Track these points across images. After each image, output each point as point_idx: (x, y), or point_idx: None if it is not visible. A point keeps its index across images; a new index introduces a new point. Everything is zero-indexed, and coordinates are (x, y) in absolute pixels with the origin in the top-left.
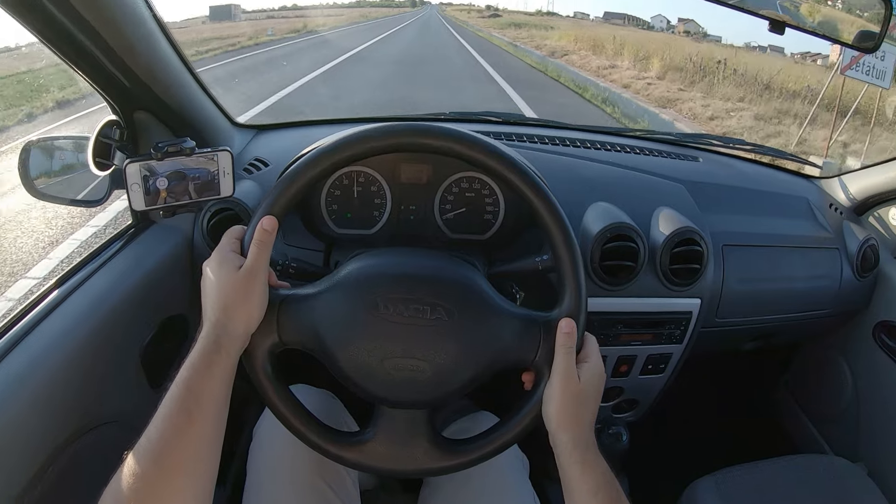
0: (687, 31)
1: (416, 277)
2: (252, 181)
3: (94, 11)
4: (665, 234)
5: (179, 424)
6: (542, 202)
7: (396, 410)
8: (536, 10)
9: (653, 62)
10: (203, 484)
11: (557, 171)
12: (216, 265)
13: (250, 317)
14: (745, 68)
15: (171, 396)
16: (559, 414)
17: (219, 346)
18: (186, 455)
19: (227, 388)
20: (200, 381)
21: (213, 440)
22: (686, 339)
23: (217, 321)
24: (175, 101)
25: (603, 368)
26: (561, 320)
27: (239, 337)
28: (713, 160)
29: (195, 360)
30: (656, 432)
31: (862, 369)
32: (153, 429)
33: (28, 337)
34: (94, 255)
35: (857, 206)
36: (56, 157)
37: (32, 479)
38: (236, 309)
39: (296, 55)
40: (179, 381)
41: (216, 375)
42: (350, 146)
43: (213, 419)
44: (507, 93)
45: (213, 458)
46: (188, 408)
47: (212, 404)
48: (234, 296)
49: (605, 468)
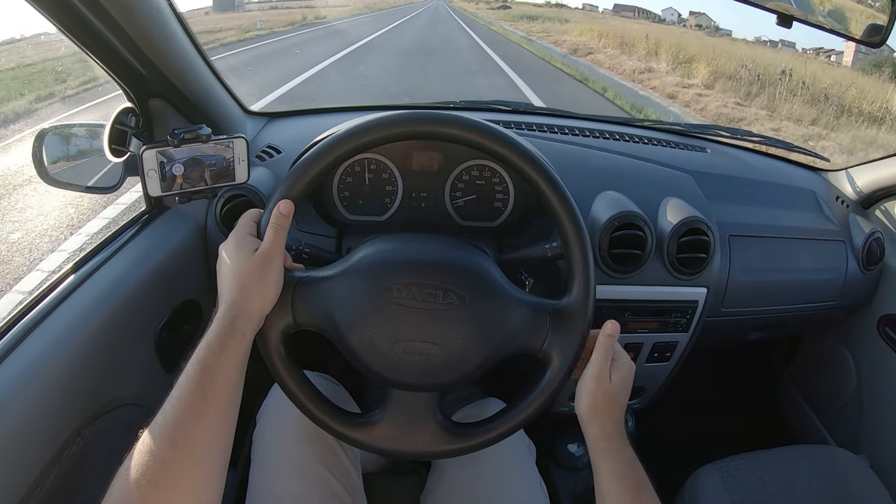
0: (699, 24)
1: (430, 263)
2: (265, 168)
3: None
4: (672, 223)
5: (195, 404)
6: (552, 190)
7: (406, 393)
8: (546, 2)
9: (697, 67)
10: (217, 464)
11: (566, 159)
12: (233, 248)
13: (266, 299)
14: (811, 79)
15: (187, 376)
16: (590, 410)
17: (234, 328)
18: (201, 435)
19: (241, 370)
20: (216, 362)
21: (228, 421)
22: (692, 327)
23: (233, 302)
24: (189, 89)
25: (631, 364)
26: (607, 322)
27: (254, 318)
28: (721, 151)
29: (211, 340)
30: (661, 420)
31: (866, 362)
32: (168, 408)
33: (45, 322)
34: (109, 241)
35: (863, 199)
36: (69, 144)
37: (51, 460)
38: (252, 291)
39: (277, 55)
40: (195, 360)
41: (231, 356)
42: (367, 133)
43: (228, 400)
44: (529, 95)
45: (226, 438)
46: (203, 388)
47: (226, 385)
48: (251, 278)
49: (629, 456)
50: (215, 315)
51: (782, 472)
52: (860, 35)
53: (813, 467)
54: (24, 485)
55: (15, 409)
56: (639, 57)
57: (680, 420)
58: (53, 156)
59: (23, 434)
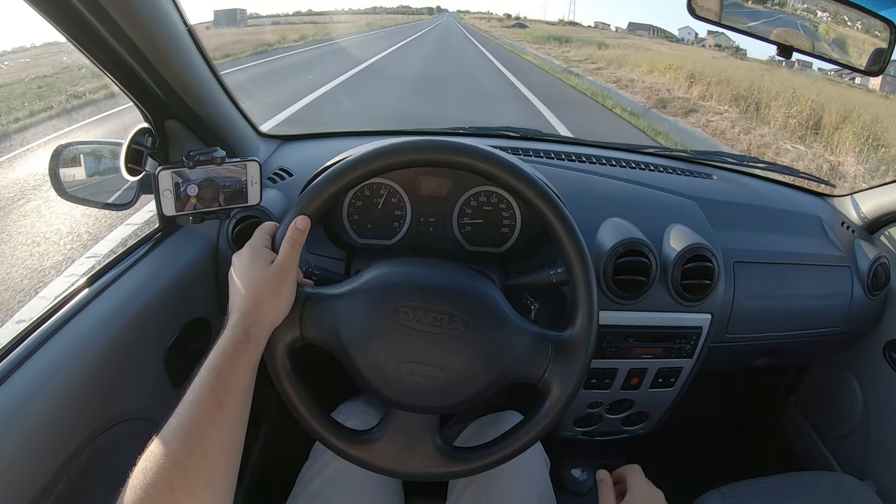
0: (717, 44)
1: (436, 287)
2: (276, 190)
3: (134, 25)
4: (677, 249)
5: (210, 410)
6: (556, 217)
7: (407, 414)
8: (559, 20)
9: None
10: (230, 470)
11: (572, 186)
12: (249, 259)
13: (278, 311)
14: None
15: (201, 383)
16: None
17: (248, 336)
18: (216, 440)
19: (253, 378)
20: (231, 368)
21: (240, 428)
22: (696, 353)
23: (248, 311)
24: (205, 112)
25: (655, 493)
26: (599, 471)
27: (266, 328)
28: (727, 178)
29: (225, 348)
30: (665, 446)
31: (871, 387)
32: (183, 412)
33: (57, 335)
34: (122, 258)
35: (869, 224)
36: (85, 161)
37: (58, 470)
38: (266, 302)
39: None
40: (210, 367)
41: (245, 364)
42: (381, 158)
43: (241, 407)
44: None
45: (238, 443)
46: (218, 393)
47: (240, 391)
48: (266, 290)
49: None
50: (226, 324)
51: (787, 498)
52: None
53: (818, 494)
54: (31, 494)
55: (25, 419)
56: (775, 121)
57: (684, 445)
58: (69, 172)
59: (32, 444)
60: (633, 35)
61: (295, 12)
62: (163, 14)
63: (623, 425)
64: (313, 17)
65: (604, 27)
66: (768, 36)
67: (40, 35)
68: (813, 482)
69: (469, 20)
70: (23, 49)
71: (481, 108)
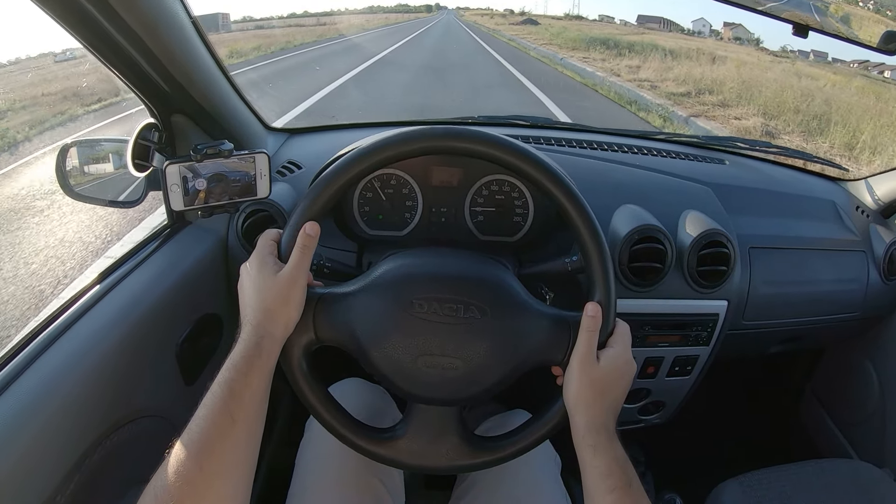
0: (737, 37)
1: (450, 277)
2: (286, 183)
3: (137, 18)
4: (692, 235)
5: (222, 426)
6: (571, 202)
7: (428, 407)
8: (565, 14)
9: None
10: (242, 484)
11: (585, 173)
12: (256, 269)
13: (290, 320)
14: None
15: (213, 397)
16: (575, 396)
17: (260, 350)
18: (229, 457)
19: (267, 390)
20: (243, 382)
21: (254, 441)
22: (713, 341)
23: (258, 324)
24: (211, 105)
25: (630, 358)
26: (587, 304)
27: (279, 339)
28: (739, 163)
29: (237, 361)
30: (683, 435)
31: (888, 373)
32: (195, 427)
33: (68, 332)
34: (132, 254)
35: (883, 208)
36: (92, 159)
37: (72, 468)
38: (277, 313)
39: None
40: (222, 381)
41: (257, 377)
42: (385, 149)
43: (254, 420)
44: None
45: (252, 458)
46: (230, 409)
47: (253, 406)
48: (275, 301)
49: (618, 454)
50: (238, 336)
51: (805, 486)
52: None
53: (836, 481)
54: (44, 492)
55: (38, 417)
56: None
57: (702, 434)
58: (76, 170)
59: (45, 441)
60: (643, 28)
61: (289, 14)
62: (166, 7)
63: (640, 415)
64: (299, 20)
65: (608, 20)
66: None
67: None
68: (831, 470)
69: (471, 17)
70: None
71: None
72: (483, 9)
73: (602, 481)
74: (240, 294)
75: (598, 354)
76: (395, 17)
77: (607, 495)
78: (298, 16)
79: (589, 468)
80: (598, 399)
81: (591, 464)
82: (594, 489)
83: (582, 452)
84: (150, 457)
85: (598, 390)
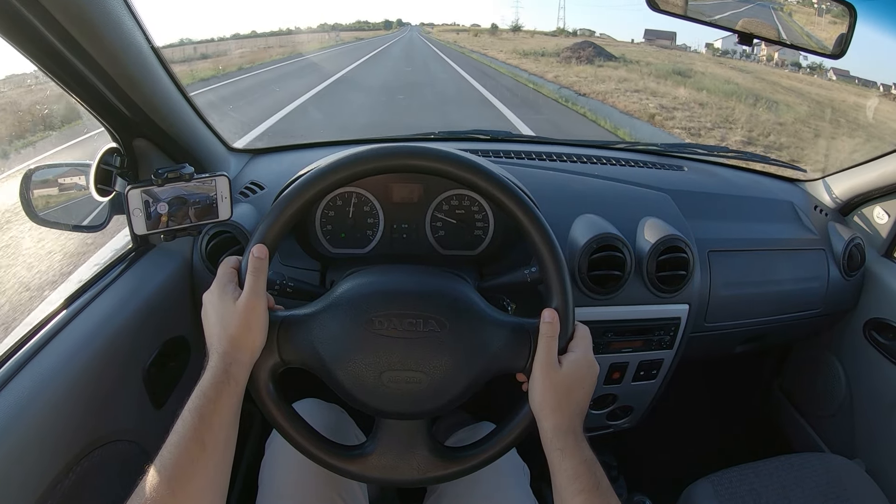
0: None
1: (408, 292)
2: (248, 204)
3: (95, 42)
4: (651, 242)
5: (193, 452)
6: (525, 214)
7: (396, 422)
8: (559, 29)
9: None
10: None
11: (544, 185)
12: (217, 297)
13: (255, 344)
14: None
15: (184, 424)
16: (541, 402)
17: (228, 376)
18: (200, 482)
19: (236, 415)
20: (212, 409)
21: (225, 466)
22: (676, 344)
23: (224, 352)
24: (173, 129)
25: (592, 360)
26: (543, 311)
27: (246, 364)
28: (698, 169)
29: (206, 389)
30: (653, 437)
31: (854, 367)
32: (167, 454)
33: (36, 357)
34: (97, 279)
35: (841, 206)
36: (56, 184)
37: (43, 494)
38: (241, 339)
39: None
40: (192, 408)
41: (227, 403)
42: (336, 171)
43: (225, 445)
44: None
45: (224, 482)
46: (201, 435)
47: (223, 431)
48: (238, 328)
49: (586, 456)
50: (207, 363)
51: (777, 481)
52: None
53: (808, 475)
54: None
55: (7, 443)
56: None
57: (672, 436)
58: (40, 195)
59: (15, 468)
60: (651, 47)
61: (207, 39)
62: (125, 32)
63: (608, 420)
64: (243, 41)
65: (589, 34)
66: (734, 26)
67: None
68: (802, 464)
69: (440, 35)
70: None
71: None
72: (448, 25)
73: (571, 483)
74: (204, 323)
75: (559, 359)
76: (349, 35)
77: (576, 497)
78: (241, 36)
79: (558, 471)
80: (562, 402)
81: (559, 467)
82: (563, 492)
83: (551, 456)
84: (122, 481)
85: (562, 394)
